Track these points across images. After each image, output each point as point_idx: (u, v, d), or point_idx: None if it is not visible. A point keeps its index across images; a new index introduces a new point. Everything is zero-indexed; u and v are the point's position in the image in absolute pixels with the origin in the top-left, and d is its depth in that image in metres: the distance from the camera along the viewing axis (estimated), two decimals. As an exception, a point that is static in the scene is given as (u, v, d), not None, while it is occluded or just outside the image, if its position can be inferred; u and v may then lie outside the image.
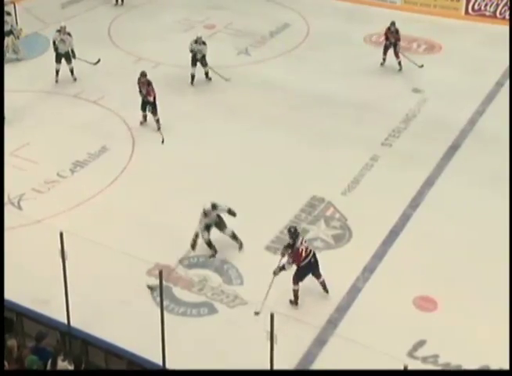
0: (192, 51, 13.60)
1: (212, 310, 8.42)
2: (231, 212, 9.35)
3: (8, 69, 13.86)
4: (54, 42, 13.47)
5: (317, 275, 8.39)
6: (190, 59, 13.59)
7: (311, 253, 8.33)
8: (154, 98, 12.10)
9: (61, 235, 7.17)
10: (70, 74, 13.65)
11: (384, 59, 14.38)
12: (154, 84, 12.72)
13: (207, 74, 13.95)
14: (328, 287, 8.49)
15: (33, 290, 8.16)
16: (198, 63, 13.72)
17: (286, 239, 9.44)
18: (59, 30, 13.41)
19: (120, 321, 8.03)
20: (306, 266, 8.28)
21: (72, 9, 17.16)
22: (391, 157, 11.42)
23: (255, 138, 11.94)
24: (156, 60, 14.76)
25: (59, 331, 7.45)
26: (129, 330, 7.83)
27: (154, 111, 12.13)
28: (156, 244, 9.23)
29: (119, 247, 9.06)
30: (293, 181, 10.76)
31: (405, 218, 9.88)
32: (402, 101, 13.11)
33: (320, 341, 7.87)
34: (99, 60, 13.99)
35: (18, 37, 14.64)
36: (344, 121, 12.46)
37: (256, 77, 14.23)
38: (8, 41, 14.44)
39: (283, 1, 18.44)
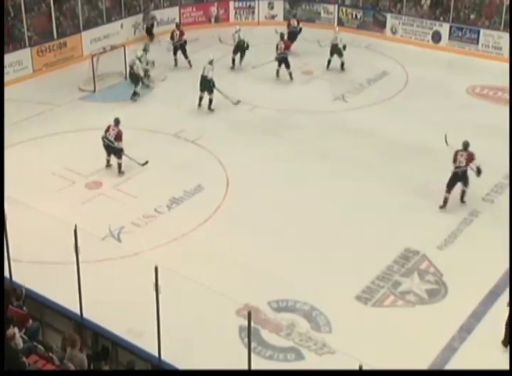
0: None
1: (299, 356, 8.42)
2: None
3: (115, 107, 14.77)
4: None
5: (464, 184, 11.05)
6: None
7: (461, 168, 10.89)
8: None
9: (156, 269, 7.40)
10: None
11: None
12: (251, 125, 13.75)
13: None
14: (420, 343, 8.34)
15: (128, 320, 8.46)
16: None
17: (378, 290, 9.43)
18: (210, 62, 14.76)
19: (207, 360, 8.15)
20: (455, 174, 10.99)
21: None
22: (493, 213, 11.18)
23: (347, 182, 12.06)
24: (253, 103, 15.29)
25: (151, 364, 7.68)
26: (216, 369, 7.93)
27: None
28: (246, 284, 9.39)
29: (210, 284, 9.24)
30: (386, 230, 10.73)
31: (506, 279, 9.53)
32: (505, 156, 12.80)
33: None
34: None
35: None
36: (442, 174, 12.27)
37: (350, 123, 14.38)
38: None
39: (382, 50, 18.70)
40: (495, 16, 18.12)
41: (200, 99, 14.85)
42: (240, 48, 17.43)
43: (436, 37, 18.88)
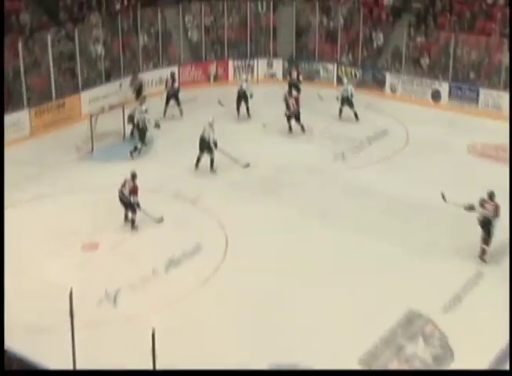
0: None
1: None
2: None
3: (113, 167, 15.06)
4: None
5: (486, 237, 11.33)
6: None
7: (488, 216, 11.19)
8: None
9: (153, 334, 7.34)
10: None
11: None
12: (250, 184, 14.11)
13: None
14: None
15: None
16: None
17: (379, 354, 9.36)
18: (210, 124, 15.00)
19: None
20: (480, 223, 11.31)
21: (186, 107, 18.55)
22: (498, 273, 11.19)
23: (348, 241, 12.15)
24: (253, 161, 15.47)
25: None
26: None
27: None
28: (246, 346, 9.36)
29: (209, 347, 9.30)
30: (388, 291, 10.71)
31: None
32: (507, 215, 12.76)
33: None
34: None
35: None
36: (444, 232, 12.41)
37: (351, 182, 14.59)
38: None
39: (382, 108, 19.11)
40: (494, 75, 18.62)
41: (198, 160, 15.05)
42: (242, 97, 18.21)
43: (436, 95, 19.33)
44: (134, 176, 12.51)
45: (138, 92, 18.95)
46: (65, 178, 14.63)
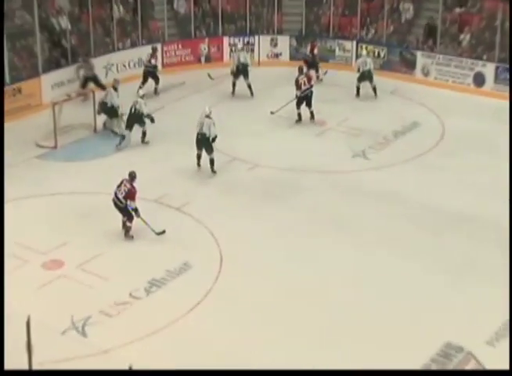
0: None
1: None
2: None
3: (81, 167, 15.15)
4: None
5: None
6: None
7: None
8: None
9: (130, 369, 7.41)
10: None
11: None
12: (250, 188, 14.14)
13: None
14: None
15: None
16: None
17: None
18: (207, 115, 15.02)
19: None
20: None
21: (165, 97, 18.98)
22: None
23: (370, 260, 12.15)
24: (254, 161, 15.60)
25: None
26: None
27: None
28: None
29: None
30: (421, 320, 10.71)
31: None
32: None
33: None
34: None
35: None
36: (487, 248, 12.41)
37: (373, 186, 14.63)
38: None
39: (412, 95, 19.17)
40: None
41: (199, 157, 15.10)
42: (241, 71, 18.78)
43: (479, 79, 19.34)
44: (132, 177, 12.69)
45: (94, 81, 18.76)
46: (22, 181, 14.60)
